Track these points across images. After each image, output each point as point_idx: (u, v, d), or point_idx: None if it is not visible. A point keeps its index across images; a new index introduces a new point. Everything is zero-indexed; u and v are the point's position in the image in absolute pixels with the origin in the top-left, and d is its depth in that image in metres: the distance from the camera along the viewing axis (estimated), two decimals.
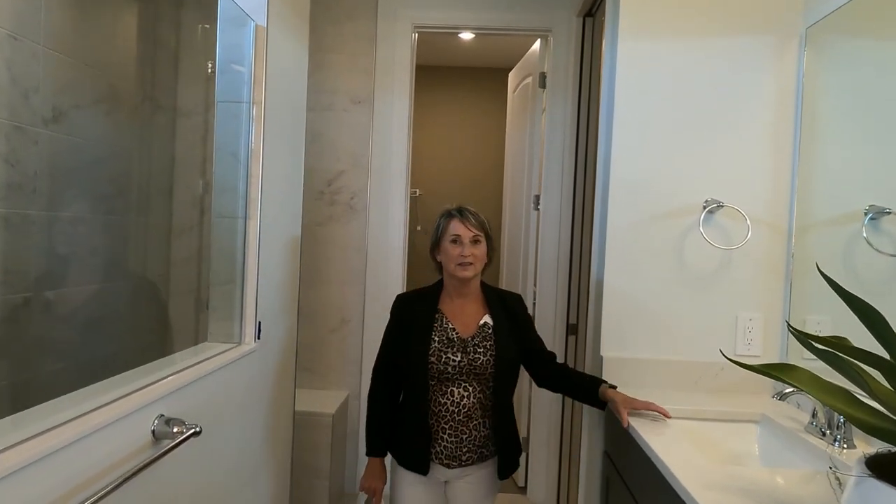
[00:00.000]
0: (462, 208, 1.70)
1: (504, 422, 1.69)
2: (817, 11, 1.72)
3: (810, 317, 1.71)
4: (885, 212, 1.41)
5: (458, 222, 1.66)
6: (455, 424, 1.64)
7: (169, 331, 2.03)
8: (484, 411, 1.66)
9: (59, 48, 1.66)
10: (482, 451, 1.67)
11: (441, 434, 1.64)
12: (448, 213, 1.70)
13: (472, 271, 1.65)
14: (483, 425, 1.66)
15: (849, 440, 1.31)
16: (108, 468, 1.02)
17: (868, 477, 0.79)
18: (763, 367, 0.92)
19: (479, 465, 1.68)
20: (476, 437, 1.65)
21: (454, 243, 1.65)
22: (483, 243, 1.67)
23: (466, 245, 1.64)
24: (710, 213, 1.79)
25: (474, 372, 1.63)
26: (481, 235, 1.66)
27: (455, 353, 1.62)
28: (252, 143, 1.63)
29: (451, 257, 1.65)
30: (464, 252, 1.63)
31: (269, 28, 1.66)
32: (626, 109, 1.83)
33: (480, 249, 1.66)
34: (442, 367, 1.62)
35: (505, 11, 2.81)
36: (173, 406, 1.24)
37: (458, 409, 1.63)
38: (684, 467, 1.16)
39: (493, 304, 1.71)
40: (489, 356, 1.63)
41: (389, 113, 2.83)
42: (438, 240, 1.70)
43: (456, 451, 1.64)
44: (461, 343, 1.64)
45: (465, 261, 1.63)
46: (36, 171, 1.63)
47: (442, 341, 1.64)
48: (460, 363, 1.62)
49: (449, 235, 1.66)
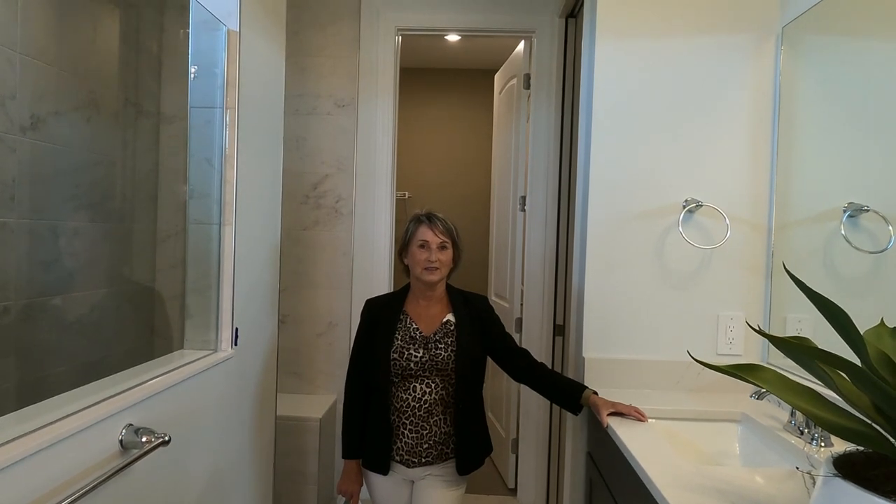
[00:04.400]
0: (431, 214, 1.77)
1: (467, 420, 1.71)
2: (793, 9, 1.72)
3: (791, 315, 1.71)
4: (863, 209, 1.41)
5: (427, 228, 1.73)
6: (416, 420, 1.68)
7: (152, 338, 2.02)
8: (445, 408, 1.70)
9: (37, 55, 1.65)
10: (442, 449, 1.70)
11: (402, 430, 1.69)
12: (417, 219, 1.77)
13: (437, 276, 1.72)
14: (444, 422, 1.70)
15: (826, 438, 1.31)
16: (71, 479, 1.01)
17: (834, 477, 0.79)
18: (729, 367, 0.91)
19: (440, 464, 1.71)
20: (437, 434, 1.69)
21: (422, 248, 1.72)
22: (450, 249, 1.75)
23: (434, 250, 1.72)
24: (689, 212, 1.79)
25: (436, 367, 1.68)
26: (448, 241, 1.74)
27: (417, 350, 1.68)
28: (226, 149, 1.63)
29: (418, 262, 1.72)
30: (430, 257, 1.71)
31: (243, 32, 1.65)
32: (605, 109, 1.83)
33: (447, 255, 1.74)
34: (404, 363, 1.67)
35: (488, 13, 2.81)
36: (143, 415, 1.23)
37: (419, 405, 1.67)
38: (660, 468, 1.16)
39: (457, 305, 1.77)
40: (450, 352, 1.69)
41: (374, 116, 2.83)
42: (407, 244, 1.78)
43: (416, 448, 1.68)
44: (423, 340, 1.70)
45: (432, 265, 1.71)
46: (14, 179, 1.62)
47: (405, 339, 1.70)
48: (422, 359, 1.68)
49: (417, 240, 1.73)
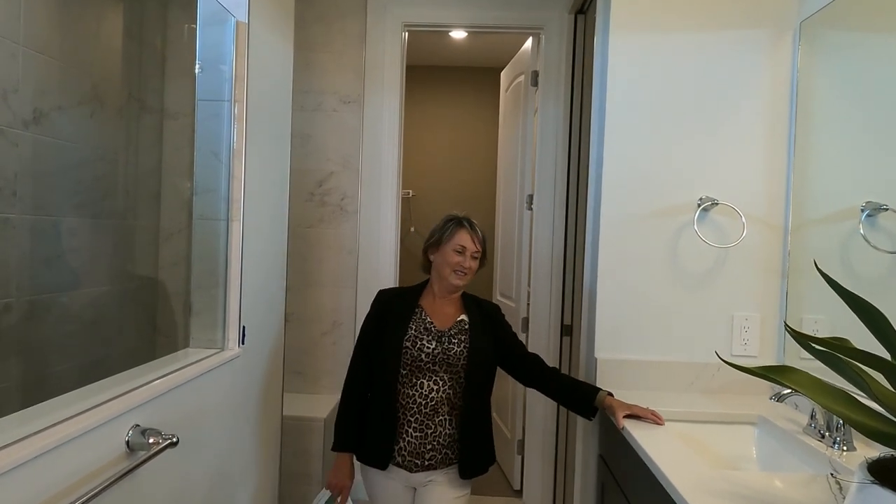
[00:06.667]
0: (471, 220, 1.77)
1: (472, 424, 1.68)
2: (811, 4, 1.69)
3: (807, 316, 1.68)
4: (882, 208, 1.38)
5: (468, 235, 1.73)
6: (421, 418, 1.65)
7: (155, 336, 1.99)
8: (451, 408, 1.67)
9: (40, 48, 1.63)
10: (446, 453, 1.67)
11: (406, 427, 1.65)
12: (458, 221, 1.75)
13: (465, 281, 1.73)
14: (449, 423, 1.66)
15: (848, 442, 1.28)
16: (77, 482, 0.98)
17: (871, 483, 0.76)
18: (761, 369, 0.88)
19: (443, 469, 1.68)
20: (441, 435, 1.65)
21: (458, 253, 1.71)
22: (478, 260, 1.76)
23: (468, 258, 1.71)
24: (704, 210, 1.76)
25: (447, 362, 1.65)
26: (480, 253, 1.75)
27: (430, 342, 1.67)
28: (234, 143, 1.59)
29: (451, 263, 1.71)
30: (464, 263, 1.71)
31: (251, 24, 1.62)
32: (618, 106, 1.80)
33: (476, 264, 1.76)
34: (416, 353, 1.65)
35: (496, 9, 2.77)
36: (150, 415, 1.20)
37: (425, 402, 1.65)
38: (680, 471, 1.14)
39: (471, 307, 1.78)
40: (463, 347, 1.67)
41: (380, 113, 2.80)
42: (440, 241, 1.75)
43: (419, 449, 1.65)
44: (437, 333, 1.69)
45: (463, 270, 1.71)
46: (16, 174, 1.60)
47: (419, 330, 1.69)
48: (434, 351, 1.65)
49: (455, 244, 1.72)
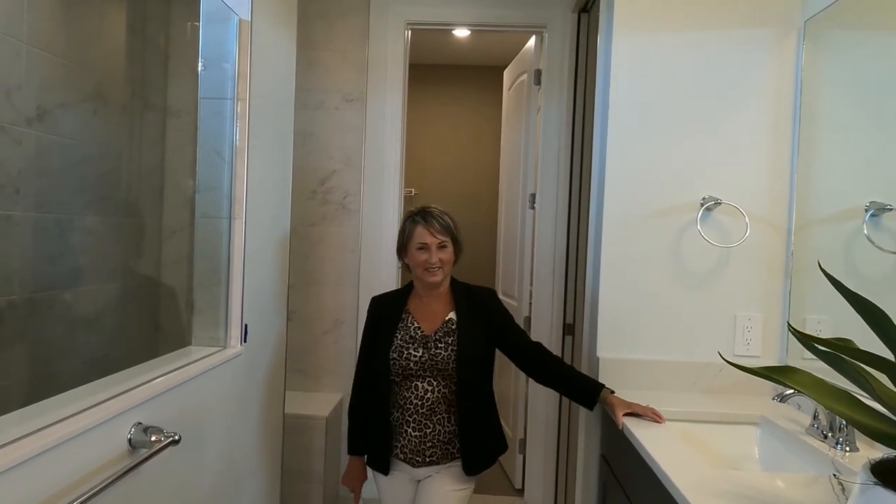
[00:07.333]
0: (426, 212, 1.69)
1: (472, 419, 1.67)
2: (816, 3, 1.68)
3: (810, 316, 1.67)
4: (886, 208, 1.38)
5: (423, 229, 1.66)
6: (419, 418, 1.65)
7: (157, 334, 1.99)
8: (448, 406, 1.66)
9: (44, 46, 1.63)
10: (448, 448, 1.67)
11: (405, 427, 1.66)
12: (412, 218, 1.70)
13: (440, 275, 1.67)
14: (448, 420, 1.66)
15: (851, 443, 1.28)
16: (79, 480, 0.98)
17: (874, 485, 0.76)
18: (764, 369, 0.88)
19: (445, 464, 1.68)
20: (441, 433, 1.65)
21: (421, 250, 1.66)
22: (450, 246, 1.69)
23: (433, 251, 1.66)
24: (707, 210, 1.76)
25: (436, 367, 1.64)
26: (447, 239, 1.68)
27: (416, 349, 1.64)
28: (237, 141, 1.59)
29: (418, 263, 1.67)
30: (430, 259, 1.65)
31: (254, 21, 1.62)
32: (621, 105, 1.79)
33: (447, 253, 1.68)
34: (404, 363, 1.64)
35: (498, 7, 2.77)
36: (152, 413, 1.20)
37: (421, 403, 1.65)
38: (682, 471, 1.13)
39: (460, 300, 1.72)
40: (450, 351, 1.64)
41: (382, 111, 2.79)
42: (405, 244, 1.71)
43: (420, 446, 1.65)
44: (423, 339, 1.66)
45: (433, 267, 1.65)
46: (19, 171, 1.60)
47: (404, 339, 1.66)
48: (421, 358, 1.64)
49: (416, 243, 1.67)
